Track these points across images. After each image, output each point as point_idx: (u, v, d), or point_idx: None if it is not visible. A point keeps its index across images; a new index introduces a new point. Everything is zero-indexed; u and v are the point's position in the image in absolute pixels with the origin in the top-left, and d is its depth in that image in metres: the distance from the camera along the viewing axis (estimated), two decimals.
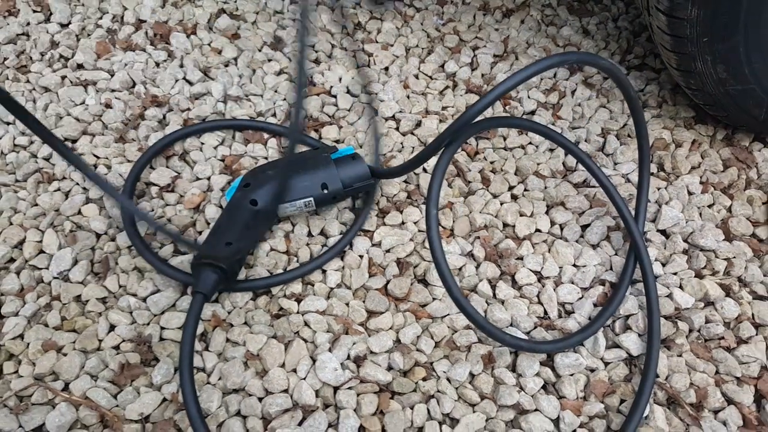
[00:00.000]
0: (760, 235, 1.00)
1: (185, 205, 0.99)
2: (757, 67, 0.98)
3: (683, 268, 0.94)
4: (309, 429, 0.76)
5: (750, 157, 1.12)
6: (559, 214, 1.01)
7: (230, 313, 0.87)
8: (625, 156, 1.10)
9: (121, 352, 0.83)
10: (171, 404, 0.78)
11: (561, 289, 0.92)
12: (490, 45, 1.33)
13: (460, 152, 1.10)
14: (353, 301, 0.89)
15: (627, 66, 1.31)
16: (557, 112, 1.19)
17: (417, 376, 0.82)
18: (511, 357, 0.85)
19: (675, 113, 1.20)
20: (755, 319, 0.90)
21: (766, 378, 0.84)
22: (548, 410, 0.79)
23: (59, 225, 0.96)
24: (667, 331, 0.87)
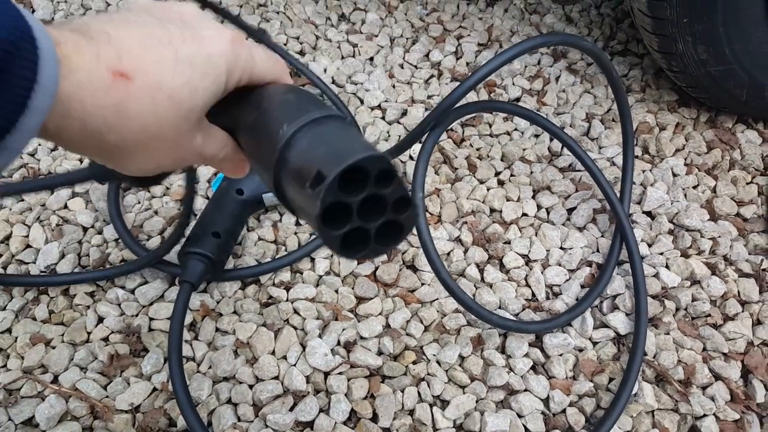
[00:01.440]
0: (744, 214, 1.01)
1: (172, 197, 0.99)
2: (737, 47, 0.99)
3: (669, 248, 0.95)
4: (300, 414, 0.76)
5: (733, 139, 1.13)
6: (545, 198, 1.01)
7: (219, 303, 0.87)
8: (610, 140, 1.11)
9: (110, 344, 0.83)
10: (161, 393, 0.78)
11: (548, 272, 0.92)
12: (474, 34, 1.34)
13: (446, 139, 1.11)
14: (342, 288, 0.89)
15: (610, 52, 1.32)
16: (542, 99, 1.20)
17: (407, 359, 0.83)
18: (500, 339, 0.85)
19: (658, 97, 1.21)
20: (741, 296, 0.91)
21: (752, 353, 0.85)
22: (538, 390, 0.80)
23: (45, 219, 0.96)
24: (655, 310, 0.88)
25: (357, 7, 1.38)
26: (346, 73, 1.22)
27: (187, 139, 0.37)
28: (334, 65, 1.23)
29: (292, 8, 1.36)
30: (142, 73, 0.32)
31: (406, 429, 0.77)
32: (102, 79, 0.31)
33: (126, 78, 0.31)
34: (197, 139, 0.38)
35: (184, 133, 0.36)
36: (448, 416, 0.77)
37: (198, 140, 0.38)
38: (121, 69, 0.31)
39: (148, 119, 0.33)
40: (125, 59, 0.31)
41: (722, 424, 0.78)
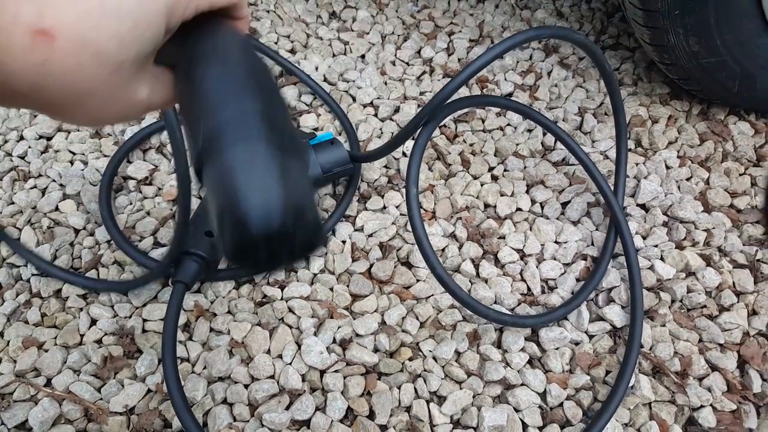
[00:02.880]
0: (738, 205, 1.01)
1: (164, 197, 0.98)
2: (728, 39, 0.99)
3: (664, 240, 0.95)
4: (296, 413, 0.76)
5: (726, 130, 1.13)
6: (539, 193, 1.01)
7: (213, 303, 0.86)
8: (603, 133, 1.11)
9: (103, 346, 0.82)
10: (156, 395, 0.78)
11: (543, 266, 0.92)
12: (465, 30, 1.33)
13: (439, 136, 1.10)
14: (337, 286, 0.89)
15: (602, 46, 1.32)
16: (534, 93, 1.20)
17: (403, 356, 0.82)
18: (497, 333, 0.85)
19: (650, 90, 1.21)
20: (736, 287, 0.91)
21: (748, 344, 0.85)
22: (535, 384, 0.80)
23: (37, 222, 0.95)
24: (650, 302, 0.88)
25: (348, 5, 1.38)
26: (337, 71, 1.21)
27: (125, 93, 0.34)
28: (326, 63, 1.23)
29: (283, 7, 1.35)
30: (64, 29, 0.30)
31: (403, 426, 0.76)
32: (22, 40, 0.29)
33: (48, 36, 0.30)
34: (140, 91, 0.35)
35: (119, 87, 0.34)
36: (445, 412, 0.77)
37: (142, 92, 0.35)
38: (42, 27, 0.29)
39: (75, 77, 0.31)
40: (47, 16, 0.29)
41: (719, 415, 0.78)
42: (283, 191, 0.30)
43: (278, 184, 0.30)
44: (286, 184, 0.31)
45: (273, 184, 0.30)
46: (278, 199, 0.29)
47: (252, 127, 0.32)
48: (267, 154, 0.31)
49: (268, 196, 0.29)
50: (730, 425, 0.78)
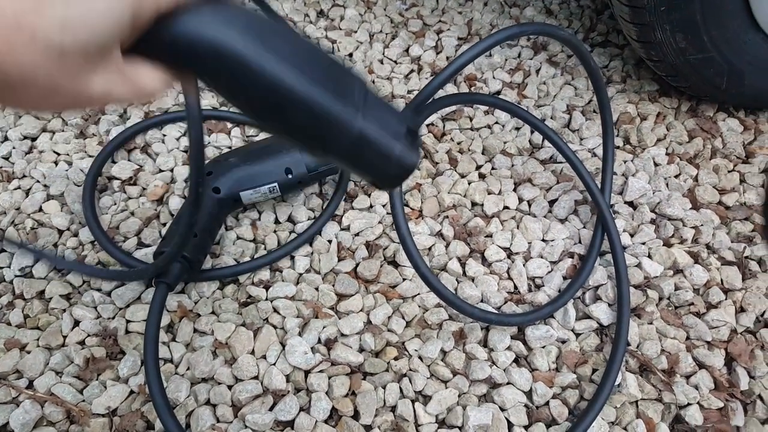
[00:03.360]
0: (726, 202, 1.01)
1: (148, 197, 0.97)
2: (715, 35, 0.98)
3: (651, 237, 0.95)
4: (280, 413, 0.75)
5: (714, 127, 1.13)
6: (526, 191, 1.01)
7: (197, 303, 0.86)
8: (591, 131, 1.10)
9: (86, 347, 0.81)
10: (138, 396, 0.77)
11: (530, 264, 0.91)
12: (453, 28, 1.33)
13: (426, 134, 1.10)
14: (323, 285, 0.88)
15: (590, 43, 1.31)
16: (522, 91, 1.19)
17: (389, 356, 0.82)
18: (482, 332, 0.84)
19: (639, 87, 1.21)
20: (724, 284, 0.90)
21: (735, 341, 0.84)
22: (520, 383, 0.79)
23: (20, 223, 0.94)
24: (637, 300, 0.87)
25: (336, 4, 1.37)
26: None
27: (72, 85, 0.31)
28: None
29: (270, 5, 1.34)
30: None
31: (388, 426, 0.76)
32: None
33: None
34: (94, 84, 0.31)
35: (63, 78, 0.30)
36: (430, 411, 0.76)
37: (96, 85, 0.31)
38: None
39: (6, 64, 0.27)
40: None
41: (706, 413, 0.78)
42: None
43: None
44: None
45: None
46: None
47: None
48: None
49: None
50: (717, 423, 0.77)
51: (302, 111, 0.35)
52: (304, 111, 0.35)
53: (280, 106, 0.35)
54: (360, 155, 0.40)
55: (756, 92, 1.08)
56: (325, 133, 0.37)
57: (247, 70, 0.33)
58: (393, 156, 0.40)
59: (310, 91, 0.35)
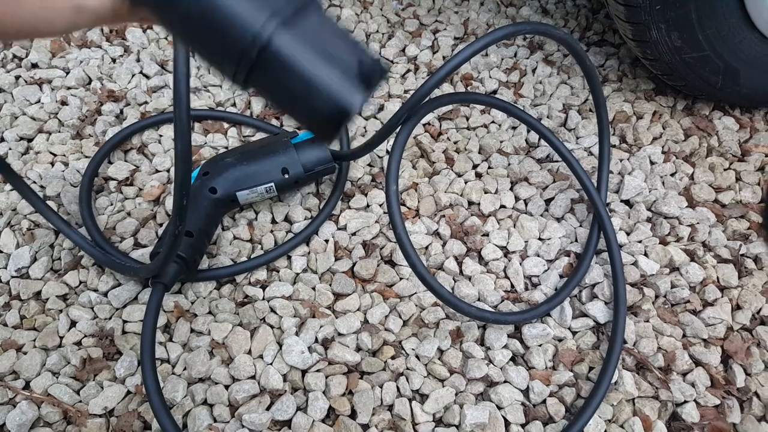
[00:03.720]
0: (722, 200, 1.01)
1: (144, 197, 0.97)
2: (710, 33, 0.99)
3: (647, 235, 0.95)
4: (277, 413, 0.75)
5: (710, 126, 1.13)
6: (523, 190, 1.01)
7: (194, 303, 0.86)
8: (587, 130, 1.11)
9: (82, 348, 0.81)
10: (135, 396, 0.77)
11: (527, 263, 0.92)
12: (450, 28, 1.33)
13: (423, 133, 1.10)
14: (319, 285, 0.88)
15: (586, 42, 1.32)
16: (518, 90, 1.19)
17: (386, 355, 0.82)
18: (479, 331, 0.84)
19: (635, 86, 1.21)
20: (720, 281, 0.90)
21: (732, 338, 0.84)
22: (517, 381, 0.79)
23: (16, 224, 0.94)
24: (634, 298, 0.88)
25: (332, 3, 1.37)
26: None
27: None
28: None
29: None
30: None
31: (385, 425, 0.76)
32: None
33: None
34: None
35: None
36: (427, 410, 0.76)
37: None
38: None
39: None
40: None
41: (703, 410, 0.78)
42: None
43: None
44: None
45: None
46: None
47: None
48: None
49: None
50: (714, 420, 0.77)
51: (196, 3, 0.29)
52: (198, 3, 0.29)
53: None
54: (274, 78, 0.31)
55: (751, 91, 1.08)
56: (225, 38, 0.30)
57: None
58: (321, 86, 0.31)
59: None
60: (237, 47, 0.29)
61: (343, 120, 0.33)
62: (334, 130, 0.33)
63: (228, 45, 0.30)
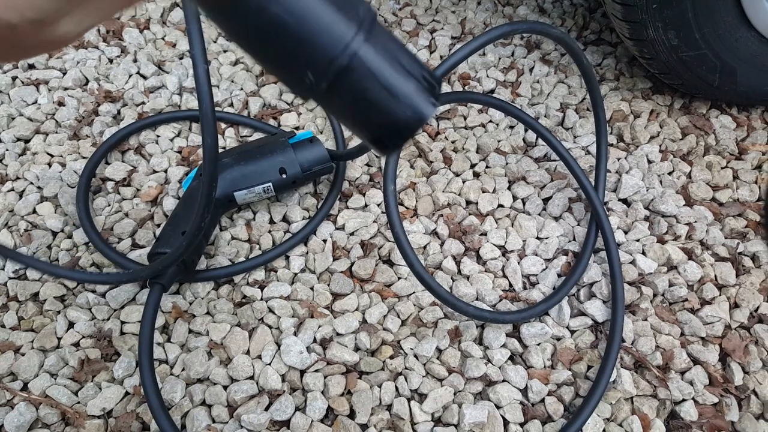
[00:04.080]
0: (720, 198, 1.01)
1: (142, 198, 0.97)
2: (706, 32, 0.99)
3: (645, 234, 0.95)
4: (276, 413, 0.75)
5: (707, 124, 1.13)
6: (520, 189, 1.01)
7: (192, 304, 0.86)
8: (585, 129, 1.11)
9: (80, 349, 0.81)
10: (134, 397, 0.77)
11: (525, 262, 0.92)
12: (447, 27, 1.33)
13: (421, 133, 1.10)
14: (318, 285, 0.88)
15: (584, 41, 1.32)
16: (516, 90, 1.19)
17: (384, 354, 0.82)
18: (478, 330, 0.84)
19: (632, 85, 1.21)
20: (718, 280, 0.91)
21: (729, 337, 0.84)
22: (516, 380, 0.79)
23: (14, 225, 0.94)
24: (632, 297, 0.88)
25: None
26: None
27: (35, 41, 0.28)
28: None
29: None
30: None
31: (384, 424, 0.76)
32: None
33: None
34: (59, 31, 0.29)
35: (22, 41, 0.28)
36: (425, 410, 0.76)
37: (63, 30, 0.29)
38: None
39: None
40: None
41: (701, 408, 0.78)
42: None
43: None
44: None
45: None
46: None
47: None
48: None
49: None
50: (712, 418, 0.78)
51: (288, 10, 0.29)
52: (290, 10, 0.29)
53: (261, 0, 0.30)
54: (359, 87, 0.32)
55: (748, 89, 1.08)
56: (315, 45, 0.30)
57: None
58: (402, 93, 0.32)
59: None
60: (325, 57, 0.30)
61: (418, 128, 0.34)
62: (405, 139, 0.34)
63: (316, 55, 0.30)
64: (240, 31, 0.31)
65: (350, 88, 0.32)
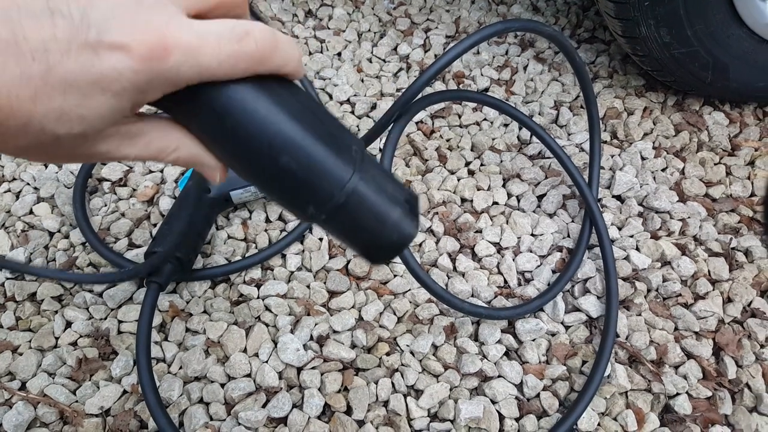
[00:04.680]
0: (713, 194, 1.02)
1: (138, 198, 0.97)
2: (698, 29, 0.99)
3: (639, 230, 0.96)
4: (273, 410, 0.75)
5: (701, 121, 1.14)
6: (515, 186, 1.02)
7: (189, 303, 0.86)
8: (578, 126, 1.11)
9: (78, 348, 0.82)
10: (131, 396, 0.77)
11: (520, 258, 0.92)
12: (441, 26, 1.34)
13: (416, 132, 1.10)
14: (314, 283, 0.89)
15: (577, 39, 1.32)
16: (510, 88, 1.20)
17: (380, 351, 0.82)
18: (473, 327, 0.85)
19: (626, 82, 1.22)
20: (711, 275, 0.91)
21: (723, 331, 0.85)
22: (511, 375, 0.80)
23: (11, 226, 0.94)
24: (626, 292, 0.88)
25: (324, 3, 1.37)
26: (314, 68, 1.21)
27: (73, 154, 0.30)
28: (302, 61, 1.23)
29: (258, 5, 1.35)
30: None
31: (381, 420, 0.76)
32: None
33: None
34: (96, 150, 0.30)
35: (61, 152, 0.29)
36: (422, 405, 0.77)
37: (100, 150, 0.30)
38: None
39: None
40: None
41: (695, 402, 0.79)
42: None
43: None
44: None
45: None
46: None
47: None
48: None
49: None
50: (706, 412, 0.78)
51: (295, 159, 0.34)
52: (298, 159, 0.34)
53: (273, 152, 0.34)
54: (353, 217, 0.37)
55: (741, 86, 1.09)
56: (317, 186, 0.35)
57: (249, 118, 0.33)
58: (389, 221, 0.38)
59: (305, 140, 0.34)
60: (326, 196, 0.35)
61: (404, 248, 0.40)
62: (393, 257, 0.40)
63: (318, 195, 0.35)
64: (250, 174, 0.36)
65: (346, 218, 0.37)
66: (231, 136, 0.33)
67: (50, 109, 0.26)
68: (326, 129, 0.35)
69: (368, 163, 0.37)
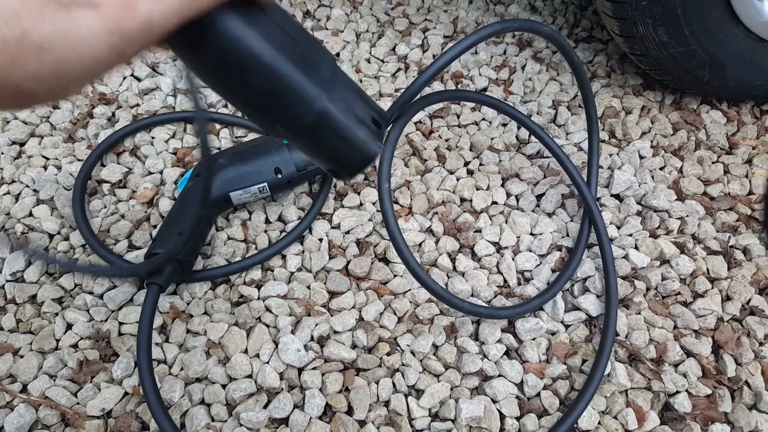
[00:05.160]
0: (711, 193, 1.02)
1: (138, 200, 0.98)
2: (696, 28, 1.00)
3: (638, 229, 0.96)
4: (274, 411, 0.76)
5: (698, 119, 1.14)
6: (514, 186, 1.02)
7: (189, 304, 0.86)
8: (576, 125, 1.12)
9: (79, 350, 0.82)
10: (133, 397, 0.77)
11: (519, 258, 0.93)
12: (439, 26, 1.34)
13: (415, 132, 1.11)
14: (314, 284, 0.89)
15: (575, 39, 1.33)
16: (508, 88, 1.20)
17: (381, 351, 0.82)
18: (473, 326, 0.85)
19: (624, 82, 1.22)
20: (710, 273, 0.92)
21: (722, 329, 0.85)
22: (512, 375, 0.80)
23: (11, 228, 0.94)
24: (625, 291, 0.89)
25: (322, 4, 1.38)
26: None
27: (57, 96, 0.30)
28: None
29: None
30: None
31: (382, 420, 0.76)
32: None
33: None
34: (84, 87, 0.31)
35: (41, 100, 0.29)
36: (423, 405, 0.77)
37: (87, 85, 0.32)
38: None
39: (13, 79, 0.27)
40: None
41: (694, 400, 0.79)
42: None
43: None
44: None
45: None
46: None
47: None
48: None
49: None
50: (706, 410, 0.79)
51: (265, 79, 0.35)
52: (267, 79, 0.35)
53: (243, 71, 0.35)
54: (320, 135, 0.39)
55: (738, 84, 1.09)
56: (286, 106, 0.37)
57: (228, 44, 0.34)
58: (354, 141, 0.40)
59: (276, 62, 0.35)
60: (294, 116, 0.37)
61: (366, 167, 0.42)
62: (355, 174, 0.43)
63: (286, 114, 0.37)
64: (222, 92, 0.38)
65: (313, 137, 0.39)
66: (210, 60, 0.35)
67: (28, 73, 0.26)
68: (299, 49, 0.36)
69: (338, 82, 0.39)
